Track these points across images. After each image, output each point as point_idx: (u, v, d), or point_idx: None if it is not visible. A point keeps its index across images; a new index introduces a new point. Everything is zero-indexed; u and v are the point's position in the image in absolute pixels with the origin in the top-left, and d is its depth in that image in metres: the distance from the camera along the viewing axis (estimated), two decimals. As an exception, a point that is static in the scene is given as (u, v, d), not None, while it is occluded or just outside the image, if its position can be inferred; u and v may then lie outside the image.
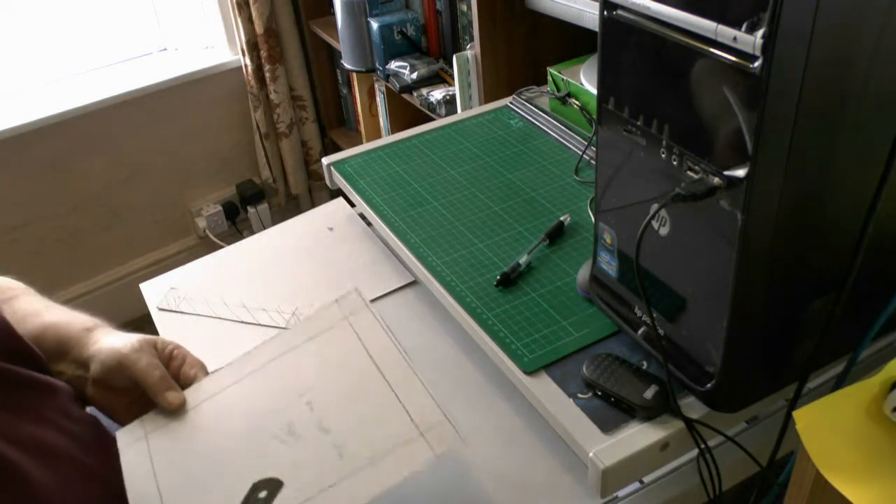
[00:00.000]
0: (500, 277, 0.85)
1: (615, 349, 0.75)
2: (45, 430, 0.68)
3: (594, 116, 0.86)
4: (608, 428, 0.68)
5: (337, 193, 1.14)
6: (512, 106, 1.21)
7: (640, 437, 0.67)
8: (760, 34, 0.49)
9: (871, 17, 0.52)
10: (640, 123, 0.63)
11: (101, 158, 2.07)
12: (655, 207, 0.63)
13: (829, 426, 0.55)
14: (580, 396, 0.71)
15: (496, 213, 0.97)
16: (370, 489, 0.60)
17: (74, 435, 0.71)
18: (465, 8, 1.63)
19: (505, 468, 0.75)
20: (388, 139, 1.16)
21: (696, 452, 0.69)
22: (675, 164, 0.61)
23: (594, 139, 0.84)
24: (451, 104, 1.59)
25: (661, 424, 0.68)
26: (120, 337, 0.77)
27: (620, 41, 0.63)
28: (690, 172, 0.59)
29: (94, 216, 2.12)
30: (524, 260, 0.86)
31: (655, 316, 0.70)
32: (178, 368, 0.78)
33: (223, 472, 0.66)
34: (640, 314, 0.72)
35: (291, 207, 2.44)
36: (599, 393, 0.70)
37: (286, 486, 0.62)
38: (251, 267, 1.03)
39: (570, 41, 1.34)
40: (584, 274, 0.82)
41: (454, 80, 1.45)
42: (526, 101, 1.21)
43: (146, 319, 0.98)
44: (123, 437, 0.73)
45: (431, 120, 1.41)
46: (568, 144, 1.09)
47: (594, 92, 1.01)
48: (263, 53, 2.11)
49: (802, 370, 0.66)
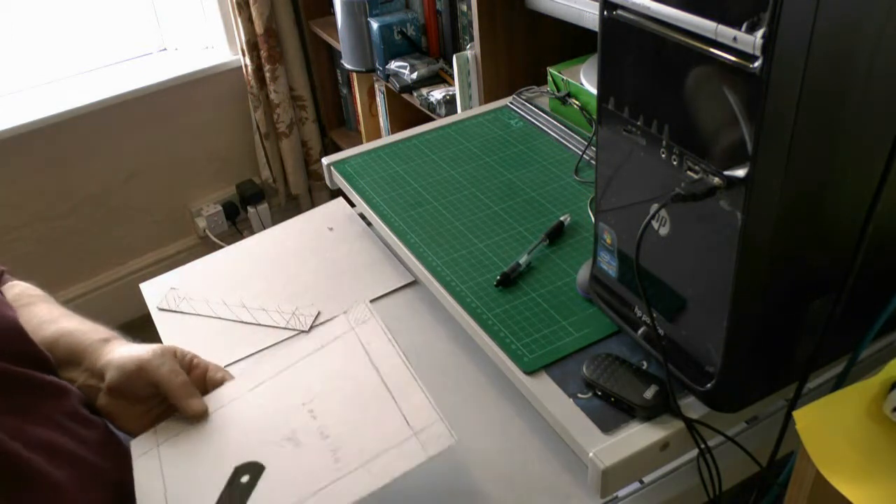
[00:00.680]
0: (500, 277, 0.85)
1: (615, 349, 0.75)
2: (55, 432, 0.68)
3: (594, 116, 0.86)
4: (608, 428, 0.68)
5: (337, 193, 1.14)
6: (512, 106, 1.21)
7: (640, 437, 0.67)
8: (760, 34, 0.49)
9: (870, 16, 0.52)
10: (640, 123, 0.63)
11: (101, 158, 2.07)
12: (655, 207, 0.63)
13: (829, 426, 0.55)
14: (580, 396, 0.71)
15: (496, 213, 0.97)
16: (358, 489, 0.61)
17: (84, 438, 0.71)
18: (465, 8, 1.63)
19: (505, 468, 0.75)
20: (388, 139, 1.16)
21: (696, 452, 0.69)
22: (675, 164, 0.61)
23: (594, 139, 0.84)
24: (451, 104, 1.59)
25: (661, 424, 0.68)
26: (139, 346, 0.76)
27: (620, 41, 0.63)
28: (690, 172, 0.59)
29: (94, 216, 2.12)
30: (524, 260, 0.86)
31: (655, 316, 0.70)
32: (199, 377, 0.78)
33: (224, 481, 0.67)
34: (640, 314, 0.72)
35: (291, 207, 2.44)
36: (599, 393, 0.70)
37: (281, 491, 0.63)
38: (251, 267, 1.03)
39: (570, 41, 1.34)
40: (584, 274, 0.82)
41: (454, 80, 1.45)
42: (526, 101, 1.21)
43: (146, 319, 0.98)
44: (137, 447, 0.74)
45: (431, 120, 1.41)
46: (568, 144, 1.09)
47: (594, 92, 1.01)
48: (263, 53, 2.11)
49: (802, 370, 0.66)
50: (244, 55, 2.11)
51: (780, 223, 0.57)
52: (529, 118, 1.17)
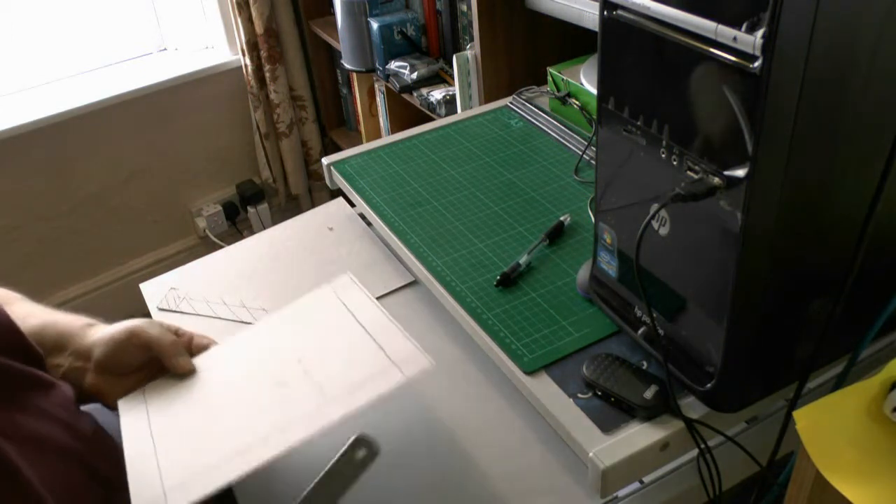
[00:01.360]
0: (500, 277, 0.85)
1: (615, 349, 0.75)
2: (42, 424, 0.68)
3: (594, 116, 0.86)
4: (608, 428, 0.68)
5: (337, 193, 1.14)
6: (512, 106, 1.21)
7: (640, 437, 0.67)
8: (760, 34, 0.49)
9: (870, 16, 0.52)
10: (640, 123, 0.63)
11: (101, 158, 2.07)
12: (655, 207, 0.63)
13: (829, 426, 0.55)
14: (580, 396, 0.71)
15: (496, 213, 0.97)
16: (341, 410, 0.66)
17: (73, 429, 0.71)
18: (465, 8, 1.63)
19: (505, 468, 0.75)
20: (388, 139, 1.16)
21: (696, 452, 0.69)
22: (675, 164, 0.61)
23: (594, 139, 0.84)
24: (451, 104, 1.59)
25: (661, 424, 0.68)
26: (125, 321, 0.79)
27: (620, 41, 0.63)
28: (690, 172, 0.59)
29: (93, 216, 2.12)
30: (524, 260, 0.86)
31: (655, 316, 0.70)
32: (186, 344, 0.80)
33: (215, 428, 0.71)
34: (640, 314, 0.72)
35: (291, 207, 2.44)
36: (599, 393, 0.70)
37: (270, 421, 0.68)
38: (251, 267, 1.03)
39: (570, 41, 1.34)
40: (584, 274, 0.82)
41: (454, 80, 1.45)
42: (526, 101, 1.21)
43: (146, 319, 0.98)
44: (124, 403, 0.76)
45: (431, 120, 1.41)
46: (568, 144, 1.09)
47: (594, 92, 1.01)
48: (263, 53, 2.11)
49: (802, 370, 0.66)
50: (244, 55, 2.11)
51: (780, 223, 0.57)
52: (529, 118, 1.17)
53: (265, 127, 2.22)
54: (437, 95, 1.63)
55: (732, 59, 0.52)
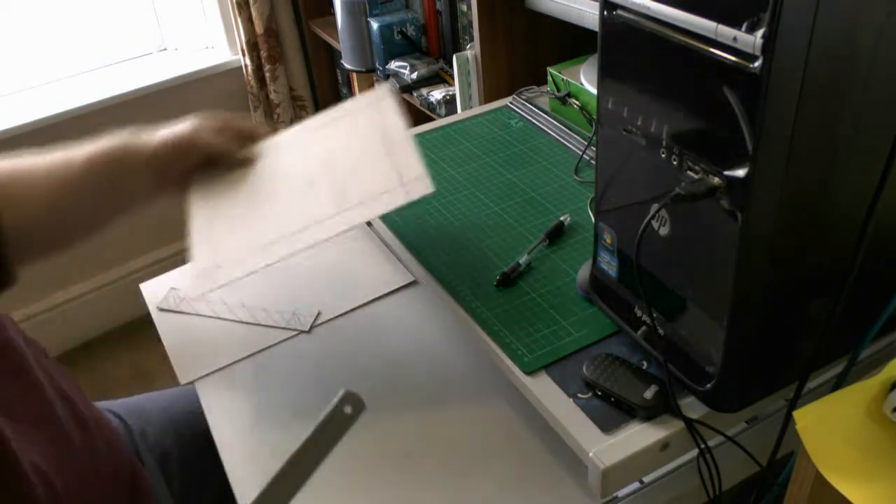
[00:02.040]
0: (500, 277, 0.85)
1: (615, 349, 0.75)
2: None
3: (594, 116, 0.86)
4: (608, 428, 0.68)
5: (337, 193, 1.14)
6: (512, 106, 1.21)
7: (640, 437, 0.67)
8: (760, 34, 0.49)
9: (870, 16, 0.52)
10: (640, 123, 0.63)
11: (101, 158, 2.07)
12: (655, 207, 0.63)
13: (829, 426, 0.55)
14: (580, 396, 0.71)
15: (496, 213, 0.97)
16: (355, 219, 0.77)
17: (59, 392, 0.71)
18: (465, 8, 1.63)
19: (505, 468, 0.75)
20: (388, 139, 1.16)
21: (696, 452, 0.69)
22: (675, 164, 0.61)
23: (594, 139, 0.84)
24: (451, 104, 1.59)
25: (661, 424, 0.68)
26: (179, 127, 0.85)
27: (620, 41, 0.63)
28: (690, 172, 0.59)
29: (94, 216, 2.11)
30: (524, 260, 0.86)
31: (655, 316, 0.70)
32: (239, 134, 0.88)
33: (252, 214, 0.83)
34: (640, 314, 0.72)
35: (291, 207, 2.44)
36: (599, 393, 0.70)
37: (295, 217, 0.80)
38: (251, 267, 1.03)
39: (570, 41, 1.34)
40: (584, 274, 0.82)
41: (454, 80, 1.45)
42: (526, 101, 1.21)
43: (146, 319, 0.98)
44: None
45: (431, 120, 1.41)
46: (568, 144, 1.09)
47: (594, 92, 1.01)
48: (263, 53, 2.11)
49: (802, 370, 0.67)
50: (244, 55, 2.11)
51: (780, 223, 0.57)
52: (529, 118, 1.17)
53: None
54: (437, 95, 1.63)
55: (732, 59, 0.52)
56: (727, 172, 0.56)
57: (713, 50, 0.54)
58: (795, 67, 0.50)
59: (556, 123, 1.14)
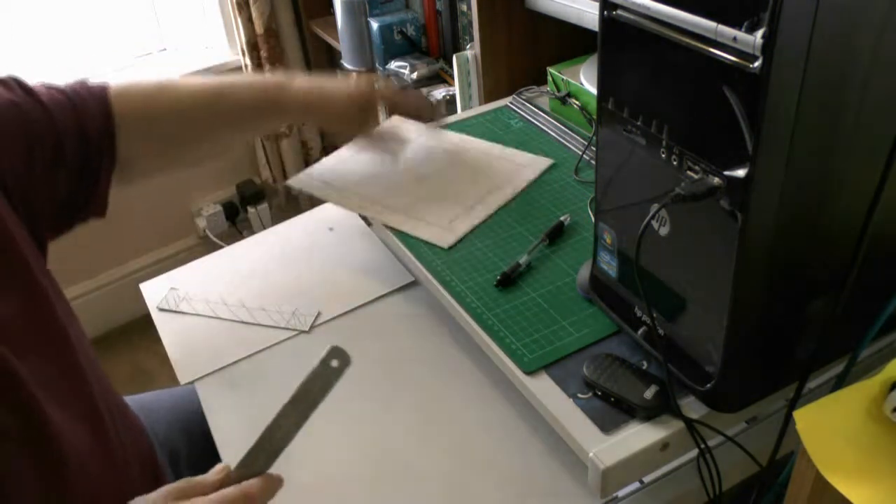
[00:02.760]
0: (500, 277, 0.85)
1: (615, 349, 0.75)
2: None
3: (594, 116, 0.86)
4: (608, 428, 0.68)
5: (337, 193, 1.14)
6: (512, 106, 1.21)
7: (640, 437, 0.67)
8: (760, 34, 0.49)
9: (870, 16, 0.52)
10: (640, 123, 0.63)
11: (101, 158, 2.07)
12: (655, 207, 0.63)
13: (829, 426, 0.55)
14: (580, 396, 0.71)
15: (496, 213, 0.97)
16: (509, 191, 1.00)
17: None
18: (465, 8, 1.63)
19: (505, 468, 0.75)
20: (388, 139, 1.16)
21: (696, 452, 0.69)
22: (675, 164, 0.61)
23: (594, 139, 0.84)
24: (451, 104, 1.59)
25: (661, 424, 0.68)
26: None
27: (620, 41, 0.63)
28: (690, 172, 0.59)
29: (93, 216, 2.11)
30: (524, 260, 0.86)
31: (655, 316, 0.70)
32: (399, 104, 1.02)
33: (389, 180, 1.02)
34: (640, 314, 0.72)
35: (291, 207, 2.44)
36: (599, 393, 0.70)
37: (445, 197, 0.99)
38: (251, 267, 1.03)
39: (570, 41, 1.33)
40: (584, 274, 0.82)
41: (454, 80, 1.45)
42: (526, 101, 1.21)
43: (146, 319, 0.98)
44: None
45: (432, 120, 1.41)
46: (568, 144, 1.09)
47: (594, 92, 1.01)
48: (263, 53, 2.11)
49: (802, 370, 0.67)
50: (244, 55, 2.11)
51: (780, 223, 0.57)
52: (529, 118, 1.17)
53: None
54: (437, 95, 1.63)
55: (732, 59, 0.52)
56: (727, 172, 0.56)
57: (713, 50, 0.54)
58: (795, 67, 0.50)
59: (556, 123, 1.13)
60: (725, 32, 0.52)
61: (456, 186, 1.01)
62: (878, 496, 0.51)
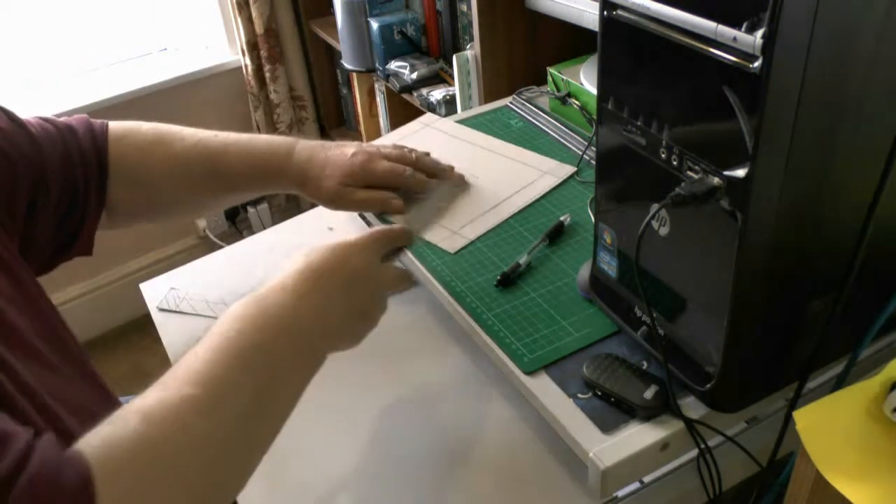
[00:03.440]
0: (500, 277, 0.85)
1: (615, 349, 0.75)
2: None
3: (594, 116, 0.86)
4: (608, 428, 0.68)
5: (337, 193, 1.14)
6: (512, 106, 1.21)
7: (640, 437, 0.67)
8: (760, 34, 0.49)
9: (870, 16, 0.52)
10: (640, 123, 0.63)
11: (101, 158, 2.07)
12: (655, 207, 0.63)
13: (829, 426, 0.55)
14: (580, 396, 0.71)
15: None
16: (530, 194, 0.99)
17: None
18: (465, 8, 1.63)
19: (505, 468, 0.75)
20: (388, 139, 1.16)
21: (696, 452, 0.69)
22: (675, 164, 0.61)
23: (594, 139, 0.84)
24: (451, 104, 1.59)
25: (661, 424, 0.68)
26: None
27: (620, 41, 0.63)
28: (690, 172, 0.59)
29: (94, 216, 2.11)
30: (524, 260, 0.86)
31: (655, 316, 0.70)
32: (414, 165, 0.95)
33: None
34: (640, 314, 0.72)
35: (291, 207, 2.44)
36: (599, 393, 0.70)
37: (470, 206, 0.98)
38: (251, 267, 1.03)
39: (570, 41, 1.34)
40: (584, 274, 0.82)
41: (454, 80, 1.45)
42: (526, 101, 1.21)
43: (146, 319, 0.98)
44: None
45: (431, 120, 1.41)
46: (568, 144, 1.09)
47: (594, 92, 1.01)
48: (263, 53, 2.11)
49: (802, 370, 0.67)
50: (244, 55, 2.11)
51: (779, 223, 0.57)
52: (529, 118, 1.17)
53: (265, 127, 2.22)
54: (437, 95, 1.63)
55: (732, 59, 0.52)
56: (727, 172, 0.56)
57: (713, 50, 0.54)
58: (795, 67, 0.50)
59: (556, 123, 1.14)
60: (725, 32, 0.52)
61: (473, 193, 1.00)
62: (878, 496, 0.51)
